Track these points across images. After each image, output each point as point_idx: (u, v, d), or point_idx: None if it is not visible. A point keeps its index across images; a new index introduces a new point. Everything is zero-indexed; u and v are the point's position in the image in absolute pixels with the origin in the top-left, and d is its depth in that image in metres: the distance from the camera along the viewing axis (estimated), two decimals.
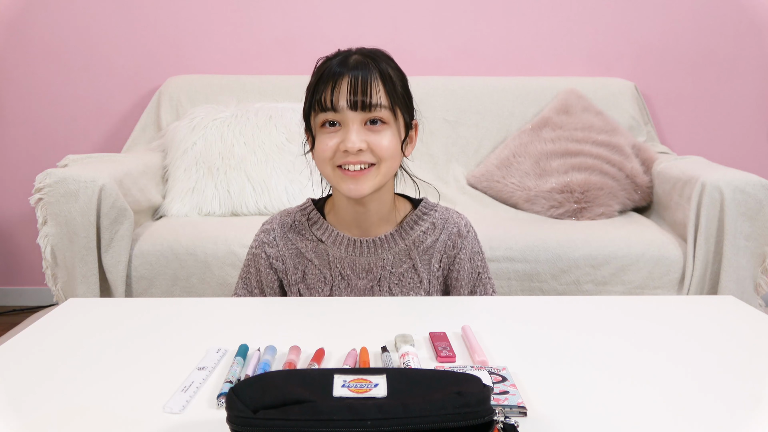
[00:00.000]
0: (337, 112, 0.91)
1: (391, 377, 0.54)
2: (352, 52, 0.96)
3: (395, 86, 0.95)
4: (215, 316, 0.88)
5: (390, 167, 0.95)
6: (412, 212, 1.04)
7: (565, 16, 2.40)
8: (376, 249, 1.01)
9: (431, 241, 1.03)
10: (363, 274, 1.02)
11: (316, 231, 1.03)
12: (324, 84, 0.92)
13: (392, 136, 0.94)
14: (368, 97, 0.91)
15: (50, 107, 2.44)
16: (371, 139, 0.92)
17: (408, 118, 0.99)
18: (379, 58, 0.96)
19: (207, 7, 2.39)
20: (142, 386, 0.65)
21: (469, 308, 0.92)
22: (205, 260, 1.67)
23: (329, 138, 0.93)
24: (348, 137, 0.91)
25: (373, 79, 0.92)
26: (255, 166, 1.98)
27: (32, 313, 2.42)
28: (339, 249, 1.01)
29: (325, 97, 0.91)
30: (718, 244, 1.65)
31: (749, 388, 0.65)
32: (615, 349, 0.75)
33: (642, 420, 0.58)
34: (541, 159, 2.07)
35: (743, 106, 2.46)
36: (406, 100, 0.98)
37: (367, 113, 0.92)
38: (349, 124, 0.92)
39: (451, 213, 1.06)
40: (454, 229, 1.04)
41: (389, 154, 0.93)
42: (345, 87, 0.91)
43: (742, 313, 0.88)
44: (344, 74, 0.91)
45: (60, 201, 1.61)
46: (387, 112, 0.93)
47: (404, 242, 1.02)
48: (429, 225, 1.03)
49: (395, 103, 0.94)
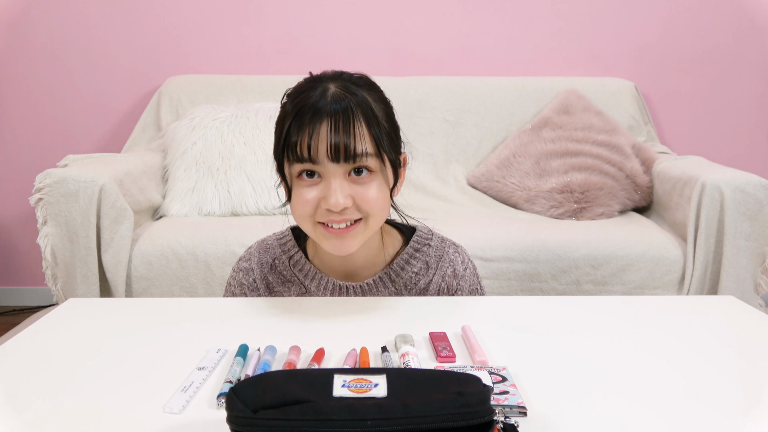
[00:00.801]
0: (316, 164, 0.78)
1: (391, 377, 0.54)
2: (328, 82, 0.81)
3: (380, 125, 0.81)
4: (215, 316, 0.88)
5: (379, 220, 0.84)
6: (402, 249, 0.94)
7: (565, 16, 2.40)
8: (364, 295, 0.93)
9: (424, 283, 0.93)
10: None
11: (299, 273, 0.93)
12: (298, 130, 0.78)
13: (380, 186, 0.82)
14: (352, 146, 0.77)
15: (50, 107, 2.44)
16: (357, 192, 0.80)
17: (395, 156, 0.85)
18: (359, 87, 0.82)
19: (207, 7, 2.39)
20: (142, 386, 0.65)
21: (469, 308, 0.92)
22: (205, 260, 1.67)
23: (307, 192, 0.80)
24: (330, 194, 0.78)
25: (356, 121, 0.78)
26: (255, 166, 1.98)
27: (32, 313, 2.42)
28: (324, 295, 0.93)
29: (301, 144, 0.77)
30: (718, 244, 1.65)
31: (750, 389, 0.65)
32: (615, 349, 0.75)
33: (642, 420, 0.58)
34: (541, 159, 2.07)
35: (743, 106, 2.46)
36: (393, 135, 0.85)
37: (350, 164, 0.79)
38: (330, 178, 0.79)
39: (447, 247, 0.96)
40: (449, 270, 0.94)
41: (378, 207, 0.82)
42: (324, 134, 0.77)
43: (742, 313, 0.88)
44: (322, 116, 0.77)
45: (60, 201, 1.61)
46: (373, 160, 0.80)
47: (395, 286, 0.93)
48: (422, 265, 0.94)
49: (381, 147, 0.80)
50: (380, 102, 0.84)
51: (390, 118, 0.85)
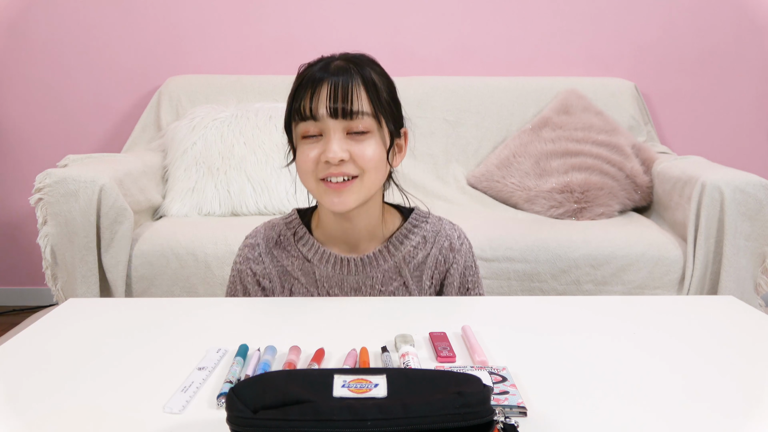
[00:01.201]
0: (317, 121, 0.87)
1: (391, 377, 0.54)
2: (334, 58, 0.91)
3: (379, 93, 0.89)
4: (215, 316, 0.88)
5: (375, 179, 0.90)
6: (401, 226, 0.99)
7: (565, 16, 2.40)
8: (364, 267, 0.97)
9: (422, 256, 0.98)
10: (351, 294, 0.98)
11: (302, 248, 0.98)
12: (303, 91, 0.88)
13: (376, 145, 0.89)
14: (349, 104, 0.86)
15: (50, 107, 2.44)
16: (354, 148, 0.87)
17: (394, 127, 0.92)
18: (362, 63, 0.91)
19: (207, 7, 2.39)
20: (142, 386, 0.65)
21: (469, 308, 0.92)
22: (205, 260, 1.67)
23: (310, 149, 0.88)
24: (329, 147, 0.86)
25: (355, 85, 0.87)
26: (255, 166, 1.98)
27: (32, 313, 2.42)
28: (326, 268, 0.97)
29: (304, 105, 0.87)
30: (718, 244, 1.65)
31: (750, 389, 0.65)
32: (615, 349, 0.75)
33: (642, 420, 0.58)
34: (541, 159, 2.07)
35: (743, 106, 2.46)
36: (393, 107, 0.93)
37: (348, 121, 0.87)
38: (330, 134, 0.87)
39: (444, 224, 1.01)
40: (446, 242, 0.99)
41: (373, 164, 0.88)
42: (324, 94, 0.86)
43: (742, 313, 0.88)
44: (324, 80, 0.87)
45: (60, 201, 1.61)
46: (370, 120, 0.88)
47: (393, 259, 0.97)
48: (419, 239, 0.98)
49: (379, 111, 0.89)
50: (381, 76, 0.92)
51: (390, 91, 0.93)
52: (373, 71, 0.91)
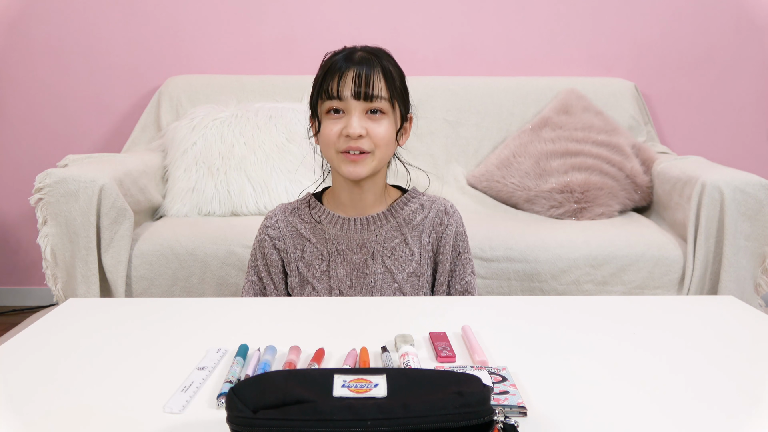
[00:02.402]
0: (342, 101, 1.02)
1: (391, 377, 0.54)
2: (357, 49, 1.06)
3: (395, 81, 1.05)
4: (215, 316, 0.88)
5: (385, 154, 1.06)
6: (401, 196, 1.15)
7: (565, 16, 2.40)
8: (369, 226, 1.10)
9: (420, 218, 1.13)
10: (357, 249, 1.10)
11: (314, 214, 1.13)
12: (331, 76, 1.03)
13: (389, 125, 1.05)
14: (371, 89, 1.01)
15: (50, 107, 2.44)
16: (370, 126, 1.03)
17: (404, 111, 1.09)
18: (381, 55, 1.06)
19: (207, 7, 2.39)
20: (142, 386, 0.65)
21: (469, 308, 0.92)
22: (205, 260, 1.67)
23: (334, 124, 1.04)
24: (350, 123, 1.01)
25: (376, 74, 1.02)
26: (255, 166, 1.98)
27: (32, 313, 2.42)
28: (335, 227, 1.11)
29: (331, 87, 1.02)
30: (718, 244, 1.65)
31: (749, 389, 0.65)
32: (615, 349, 0.75)
33: (642, 420, 0.58)
34: (541, 159, 2.07)
35: (743, 106, 2.46)
36: (404, 94, 1.09)
37: (368, 103, 1.02)
38: (352, 112, 1.02)
39: (437, 197, 1.17)
40: (441, 207, 1.14)
41: (385, 142, 1.04)
42: (350, 79, 1.01)
43: (742, 313, 0.88)
44: (350, 68, 1.02)
45: (60, 201, 1.61)
46: (386, 104, 1.04)
47: (395, 219, 1.12)
48: (417, 206, 1.14)
49: (394, 96, 1.05)
50: (395, 67, 1.08)
51: (402, 81, 1.09)
52: (390, 63, 1.07)
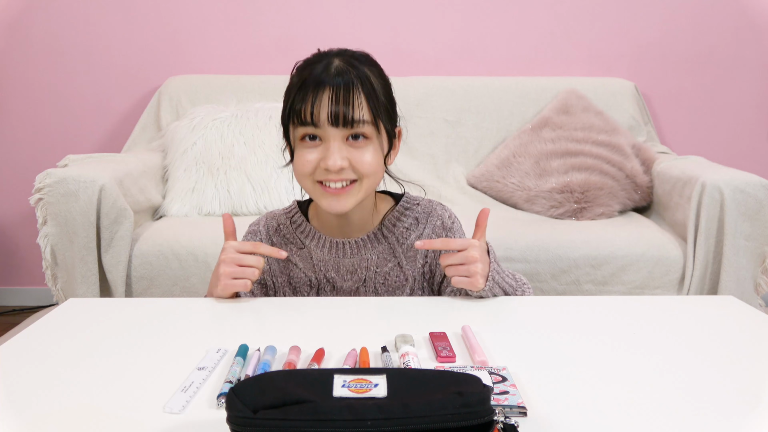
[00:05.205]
0: (318, 128, 0.87)
1: (391, 377, 0.54)
2: (333, 57, 0.91)
3: (378, 97, 0.90)
4: (215, 316, 0.88)
5: (372, 183, 0.93)
6: (393, 208, 1.02)
7: (565, 16, 2.40)
8: (359, 250, 1.00)
9: (415, 236, 1.01)
10: (348, 276, 1.00)
11: (300, 234, 1.02)
12: (303, 94, 0.87)
13: (374, 151, 0.90)
14: (350, 112, 0.86)
15: (50, 107, 2.44)
16: (353, 155, 0.89)
17: (390, 127, 0.94)
18: (361, 63, 0.91)
19: (207, 7, 2.39)
20: (142, 386, 0.65)
21: (469, 308, 0.92)
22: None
23: (309, 153, 0.89)
24: (329, 155, 0.87)
25: (356, 92, 0.87)
26: (255, 166, 1.98)
27: (32, 313, 2.42)
28: (322, 252, 1.00)
29: (304, 110, 0.87)
30: (718, 244, 1.65)
31: (749, 389, 0.65)
32: (615, 350, 0.75)
33: (642, 420, 0.58)
34: (541, 159, 2.07)
35: (743, 106, 2.45)
36: (389, 108, 0.94)
37: (348, 129, 0.87)
38: (329, 141, 0.88)
39: (435, 205, 1.04)
40: (438, 222, 1.02)
41: (372, 170, 0.90)
42: (326, 100, 0.86)
43: (742, 313, 0.88)
44: (325, 85, 0.86)
45: (60, 201, 1.61)
46: (370, 127, 0.89)
47: (387, 241, 1.00)
48: (412, 221, 1.01)
49: (378, 117, 0.89)
50: (379, 77, 0.92)
51: (388, 93, 0.94)
52: (371, 72, 0.91)
